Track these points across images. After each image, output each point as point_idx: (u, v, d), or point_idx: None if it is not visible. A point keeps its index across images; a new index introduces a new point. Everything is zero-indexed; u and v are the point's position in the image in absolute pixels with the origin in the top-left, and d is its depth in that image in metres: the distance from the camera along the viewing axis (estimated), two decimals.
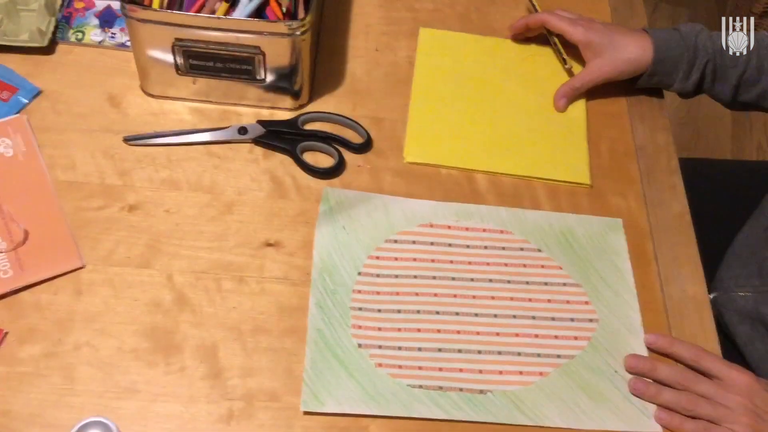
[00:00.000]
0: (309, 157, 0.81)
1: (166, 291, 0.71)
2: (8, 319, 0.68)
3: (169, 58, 0.79)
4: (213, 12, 0.79)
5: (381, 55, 0.91)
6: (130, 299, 0.70)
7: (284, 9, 0.81)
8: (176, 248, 0.74)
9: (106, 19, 0.88)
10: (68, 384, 0.66)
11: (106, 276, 0.71)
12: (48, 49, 0.85)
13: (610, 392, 0.70)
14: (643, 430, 0.68)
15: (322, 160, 0.82)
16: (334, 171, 0.81)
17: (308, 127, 0.84)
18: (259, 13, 0.80)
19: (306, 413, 0.66)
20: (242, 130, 0.81)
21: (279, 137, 0.82)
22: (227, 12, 0.80)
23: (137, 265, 0.72)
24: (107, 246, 0.73)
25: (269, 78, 0.81)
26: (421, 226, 0.78)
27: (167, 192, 0.77)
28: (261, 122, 0.82)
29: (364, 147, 0.83)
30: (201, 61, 0.79)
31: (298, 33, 0.76)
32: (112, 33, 0.87)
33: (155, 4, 0.79)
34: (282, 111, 0.84)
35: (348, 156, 0.82)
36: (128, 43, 0.86)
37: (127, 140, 0.80)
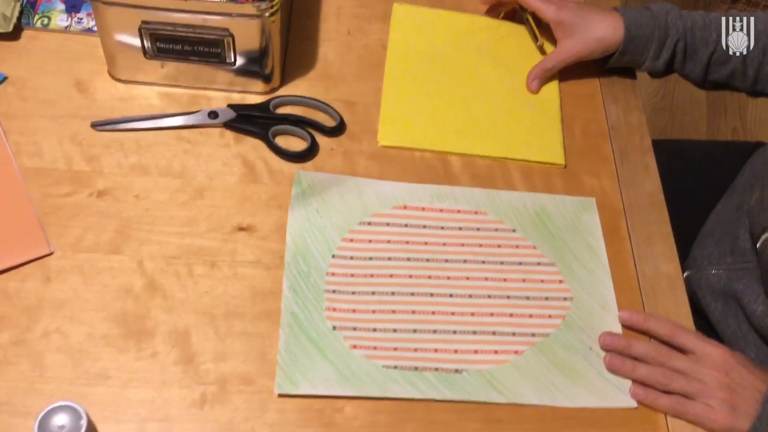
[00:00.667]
0: (281, 141, 0.81)
1: (136, 277, 0.70)
2: None
3: (136, 41, 0.77)
4: None
5: (353, 39, 0.90)
6: (100, 285, 0.69)
7: None
8: (146, 234, 0.73)
9: (73, 4, 0.86)
10: (38, 371, 0.65)
11: (75, 262, 0.70)
12: (13, 35, 0.84)
13: (584, 369, 0.70)
14: (618, 405, 0.68)
15: (294, 143, 0.81)
16: (307, 154, 0.80)
17: (280, 110, 0.83)
18: None
19: (281, 396, 0.66)
20: (213, 115, 0.80)
21: (250, 121, 0.81)
22: None
23: (107, 251, 0.71)
24: (76, 232, 0.72)
25: (239, 61, 0.80)
26: (395, 208, 0.78)
27: (136, 177, 0.76)
28: (232, 106, 0.81)
29: (337, 130, 0.82)
30: (169, 45, 0.78)
31: (267, 14, 0.75)
32: (79, 18, 0.86)
33: None
34: (253, 95, 0.83)
35: (321, 139, 0.82)
36: (95, 28, 0.84)
37: (94, 126, 0.79)
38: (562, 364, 0.70)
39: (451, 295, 0.73)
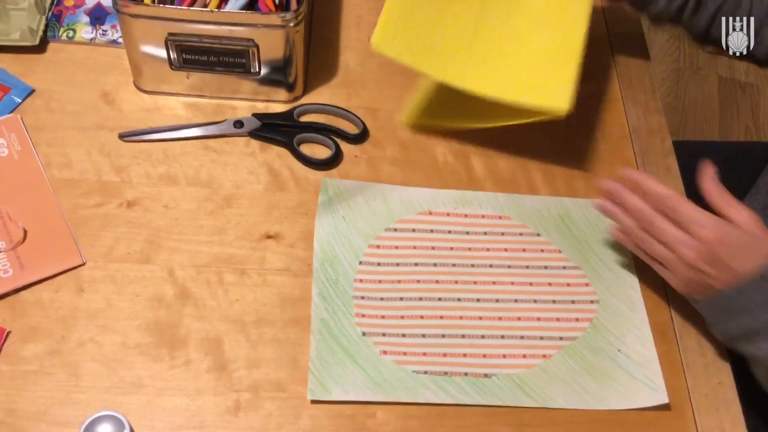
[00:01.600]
0: (306, 149, 0.81)
1: (167, 286, 0.71)
2: (10, 318, 0.68)
3: (162, 53, 0.78)
4: (205, 5, 0.79)
5: None
6: (132, 295, 0.70)
7: (277, 1, 0.81)
8: (176, 243, 0.74)
9: (97, 16, 0.87)
10: (73, 381, 0.66)
11: (107, 272, 0.71)
12: (39, 48, 0.85)
13: (613, 371, 0.70)
14: (649, 405, 0.69)
15: (318, 151, 0.82)
16: (331, 162, 0.81)
17: (304, 118, 0.84)
18: (251, 5, 0.80)
19: (313, 402, 0.66)
20: (238, 124, 0.81)
21: (275, 130, 0.82)
22: (219, 5, 0.80)
23: (138, 261, 0.72)
24: (107, 243, 0.73)
25: (264, 71, 0.81)
26: (421, 214, 0.78)
27: (165, 187, 0.77)
28: (256, 115, 0.82)
29: (360, 137, 0.83)
30: (194, 56, 0.79)
31: (291, 24, 0.76)
32: (103, 30, 0.87)
33: None
34: (277, 104, 0.84)
35: (344, 147, 0.82)
36: (120, 40, 0.85)
37: (122, 137, 0.80)
38: (590, 366, 0.71)
39: (478, 300, 0.73)
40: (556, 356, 0.71)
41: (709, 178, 0.70)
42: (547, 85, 0.77)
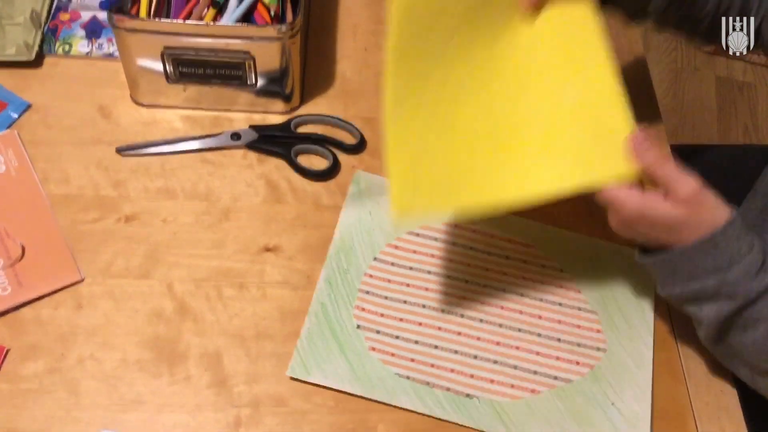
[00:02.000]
0: (303, 160, 0.81)
1: (167, 300, 0.71)
2: (9, 336, 0.68)
3: (158, 66, 0.78)
4: (201, 18, 0.79)
5: (370, 55, 0.91)
6: (131, 310, 0.70)
7: (272, 12, 0.80)
8: (175, 257, 0.74)
9: (93, 30, 0.87)
10: (73, 399, 0.65)
11: (105, 288, 0.71)
12: (35, 63, 0.84)
13: (601, 423, 0.68)
14: None
15: (316, 162, 0.82)
16: (330, 173, 0.81)
17: (301, 130, 0.84)
18: (247, 17, 0.80)
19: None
20: (235, 136, 0.81)
21: (272, 141, 0.82)
22: (215, 18, 0.80)
23: (137, 276, 0.72)
24: (105, 258, 0.73)
25: (260, 82, 0.80)
26: (447, 224, 0.78)
27: (163, 201, 0.77)
28: (254, 127, 0.82)
29: (358, 147, 0.83)
30: (191, 69, 0.78)
31: (287, 36, 0.76)
32: (99, 43, 0.86)
33: (142, 12, 0.79)
34: (274, 115, 0.84)
35: (342, 157, 0.82)
36: (116, 54, 0.85)
37: (119, 151, 0.79)
38: (578, 413, 0.68)
39: (481, 321, 0.73)
40: (545, 394, 0.69)
41: (637, 150, 0.61)
42: (605, 152, 0.63)
